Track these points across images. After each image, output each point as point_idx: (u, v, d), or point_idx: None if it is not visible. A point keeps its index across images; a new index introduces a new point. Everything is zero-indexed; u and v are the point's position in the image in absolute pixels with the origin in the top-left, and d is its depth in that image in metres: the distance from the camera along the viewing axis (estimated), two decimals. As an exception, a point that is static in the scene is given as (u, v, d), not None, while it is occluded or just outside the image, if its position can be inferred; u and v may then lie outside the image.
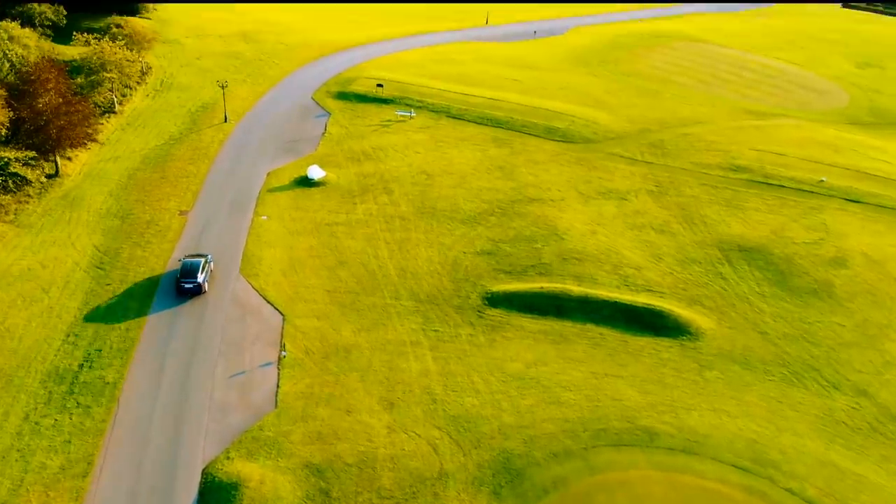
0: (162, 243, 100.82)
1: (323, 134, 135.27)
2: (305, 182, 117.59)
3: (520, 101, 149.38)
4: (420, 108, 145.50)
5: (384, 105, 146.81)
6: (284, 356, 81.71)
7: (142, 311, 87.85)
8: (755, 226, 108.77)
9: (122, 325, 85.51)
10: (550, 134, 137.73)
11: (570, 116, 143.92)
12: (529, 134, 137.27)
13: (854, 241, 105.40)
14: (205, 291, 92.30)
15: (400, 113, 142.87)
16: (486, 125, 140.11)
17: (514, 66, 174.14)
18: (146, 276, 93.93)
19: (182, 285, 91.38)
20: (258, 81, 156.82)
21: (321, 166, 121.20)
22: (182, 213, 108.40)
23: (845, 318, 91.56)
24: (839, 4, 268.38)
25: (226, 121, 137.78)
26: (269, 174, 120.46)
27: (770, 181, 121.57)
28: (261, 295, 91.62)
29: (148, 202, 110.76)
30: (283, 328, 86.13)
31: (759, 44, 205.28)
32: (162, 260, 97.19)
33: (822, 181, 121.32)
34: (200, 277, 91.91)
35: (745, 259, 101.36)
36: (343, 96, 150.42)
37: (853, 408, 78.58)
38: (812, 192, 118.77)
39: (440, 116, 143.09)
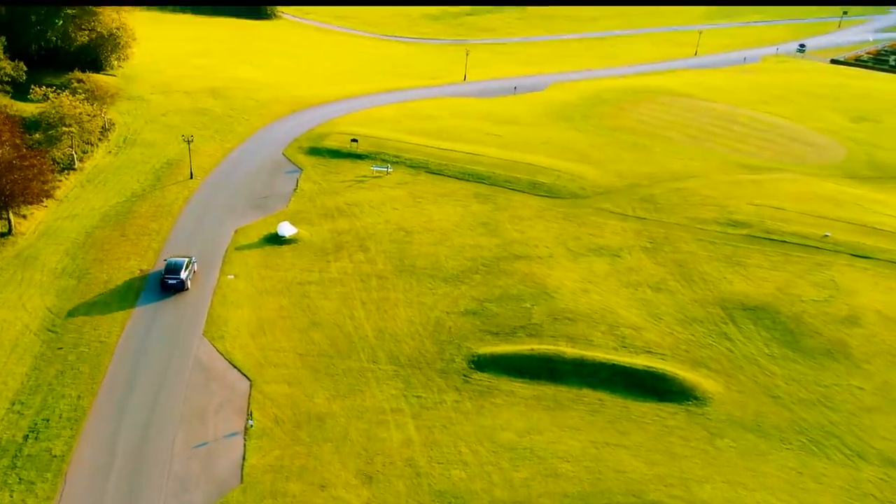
0: (119, 304, 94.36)
1: (294, 190, 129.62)
2: (275, 239, 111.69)
3: (501, 156, 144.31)
4: (397, 163, 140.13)
5: (359, 161, 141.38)
6: (251, 425, 75.13)
7: (95, 377, 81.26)
8: (759, 283, 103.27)
9: (74, 392, 79.06)
10: (535, 189, 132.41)
11: (556, 171, 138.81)
12: (513, 189, 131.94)
13: (866, 299, 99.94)
14: (187, 289, 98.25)
15: (376, 168, 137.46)
16: (467, 180, 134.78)
17: (494, 121, 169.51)
18: (101, 340, 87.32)
19: (166, 281, 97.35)
20: (227, 137, 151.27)
21: (292, 223, 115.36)
22: (142, 271, 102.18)
23: (864, 380, 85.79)
24: (827, 61, 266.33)
25: (192, 177, 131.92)
26: (236, 231, 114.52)
27: (771, 236, 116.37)
28: (226, 359, 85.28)
29: (106, 261, 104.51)
30: (250, 395, 79.80)
31: (747, 98, 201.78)
32: (119, 322, 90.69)
33: (827, 236, 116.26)
34: (183, 275, 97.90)
35: (751, 318, 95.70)
36: (315, 152, 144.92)
37: (882, 479, 72.52)
38: (817, 247, 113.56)
39: (418, 172, 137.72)
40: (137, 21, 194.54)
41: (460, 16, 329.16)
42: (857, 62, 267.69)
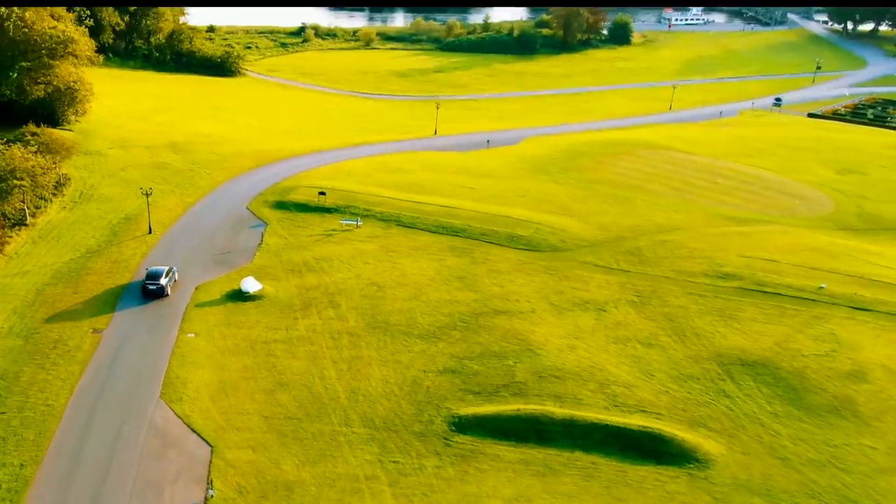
0: (70, 365, 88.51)
1: (259, 245, 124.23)
2: (239, 296, 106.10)
3: (477, 209, 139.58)
4: (367, 216, 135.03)
5: (327, 214, 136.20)
6: (212, 496, 69.09)
7: (40, 444, 75.11)
8: (756, 337, 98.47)
9: (16, 461, 73.06)
10: (514, 242, 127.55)
11: (535, 224, 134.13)
12: (490, 242, 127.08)
13: (870, 353, 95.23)
14: (167, 295, 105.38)
15: (345, 222, 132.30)
16: (442, 233, 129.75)
17: (467, 174, 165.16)
18: (48, 403, 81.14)
19: (147, 287, 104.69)
20: (188, 192, 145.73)
21: (257, 279, 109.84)
22: (95, 331, 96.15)
23: (876, 439, 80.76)
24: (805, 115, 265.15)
25: (150, 232, 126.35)
26: (197, 288, 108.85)
27: (764, 289, 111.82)
28: (185, 423, 79.39)
29: (57, 320, 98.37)
30: (210, 462, 73.80)
31: (728, 151, 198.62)
32: (68, 384, 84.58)
33: (822, 288, 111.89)
34: (163, 281, 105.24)
35: (750, 374, 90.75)
36: (282, 206, 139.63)
37: (906, 547, 67.21)
38: (813, 299, 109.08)
39: (390, 225, 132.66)
40: (96, 77, 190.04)
41: (428, 73, 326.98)
42: (835, 116, 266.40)
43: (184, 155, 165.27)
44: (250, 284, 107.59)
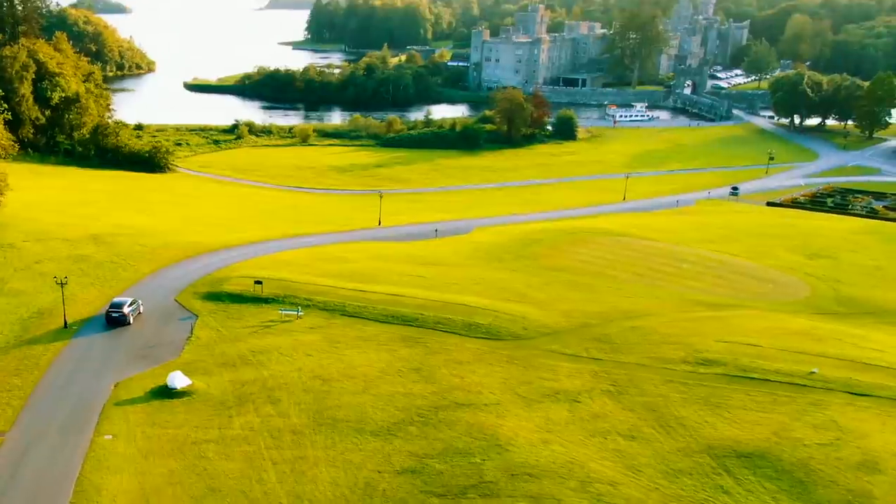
0: (-37, 474, 77.86)
1: (188, 338, 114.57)
2: (165, 392, 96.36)
3: (429, 297, 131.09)
4: (308, 306, 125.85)
5: (265, 305, 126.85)
6: None
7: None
8: (749, 427, 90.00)
9: None
10: (471, 331, 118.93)
11: (493, 311, 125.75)
12: (446, 331, 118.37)
13: (879, 441, 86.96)
14: (129, 323, 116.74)
15: (284, 312, 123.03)
16: (392, 323, 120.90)
17: (416, 262, 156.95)
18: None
19: (111, 315, 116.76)
20: (109, 284, 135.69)
21: (186, 373, 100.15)
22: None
23: (904, 536, 72.19)
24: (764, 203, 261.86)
25: (66, 326, 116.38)
26: (116, 385, 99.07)
27: (751, 375, 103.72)
28: (97, 538, 68.95)
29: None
30: (127, 583, 63.38)
31: (691, 237, 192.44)
32: (-40, 497, 74.14)
33: (814, 373, 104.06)
34: (126, 310, 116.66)
35: (748, 467, 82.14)
36: (214, 297, 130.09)
37: None
38: (805, 385, 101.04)
39: (333, 315, 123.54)
40: (13, 171, 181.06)
41: (369, 167, 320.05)
42: (795, 204, 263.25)
43: (106, 247, 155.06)
44: (178, 380, 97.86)
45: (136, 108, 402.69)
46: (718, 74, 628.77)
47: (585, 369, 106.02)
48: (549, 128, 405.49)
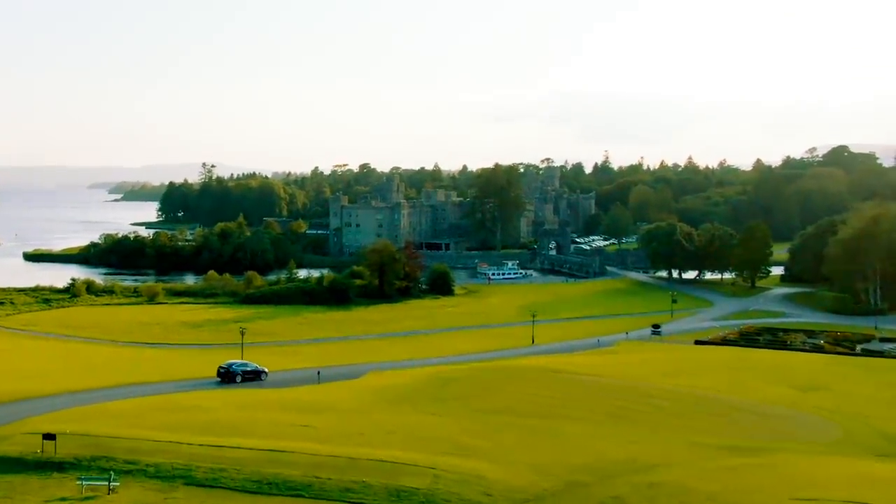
0: None
1: None
2: None
3: (326, 451, 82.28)
4: (130, 473, 75.64)
5: (58, 473, 76.21)
6: None
7: None
8: None
9: None
10: (403, 500, 70.46)
11: (429, 469, 77.62)
12: (356, 503, 69.51)
13: None
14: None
15: (86, 483, 72.38)
16: (272, 494, 71.71)
17: (298, 410, 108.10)
18: None
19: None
20: None
21: None
22: None
23: None
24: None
25: None
26: None
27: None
28: None
29: None
30: None
31: (640, 373, 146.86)
32: None
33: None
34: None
35: None
36: (-20, 464, 78.83)
37: None
38: None
39: (173, 485, 73.67)
40: None
41: (228, 322, 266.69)
42: (726, 342, 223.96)
43: None
44: None
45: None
46: (577, 239, 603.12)
47: (620, 559, 58.38)
48: (423, 284, 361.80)
